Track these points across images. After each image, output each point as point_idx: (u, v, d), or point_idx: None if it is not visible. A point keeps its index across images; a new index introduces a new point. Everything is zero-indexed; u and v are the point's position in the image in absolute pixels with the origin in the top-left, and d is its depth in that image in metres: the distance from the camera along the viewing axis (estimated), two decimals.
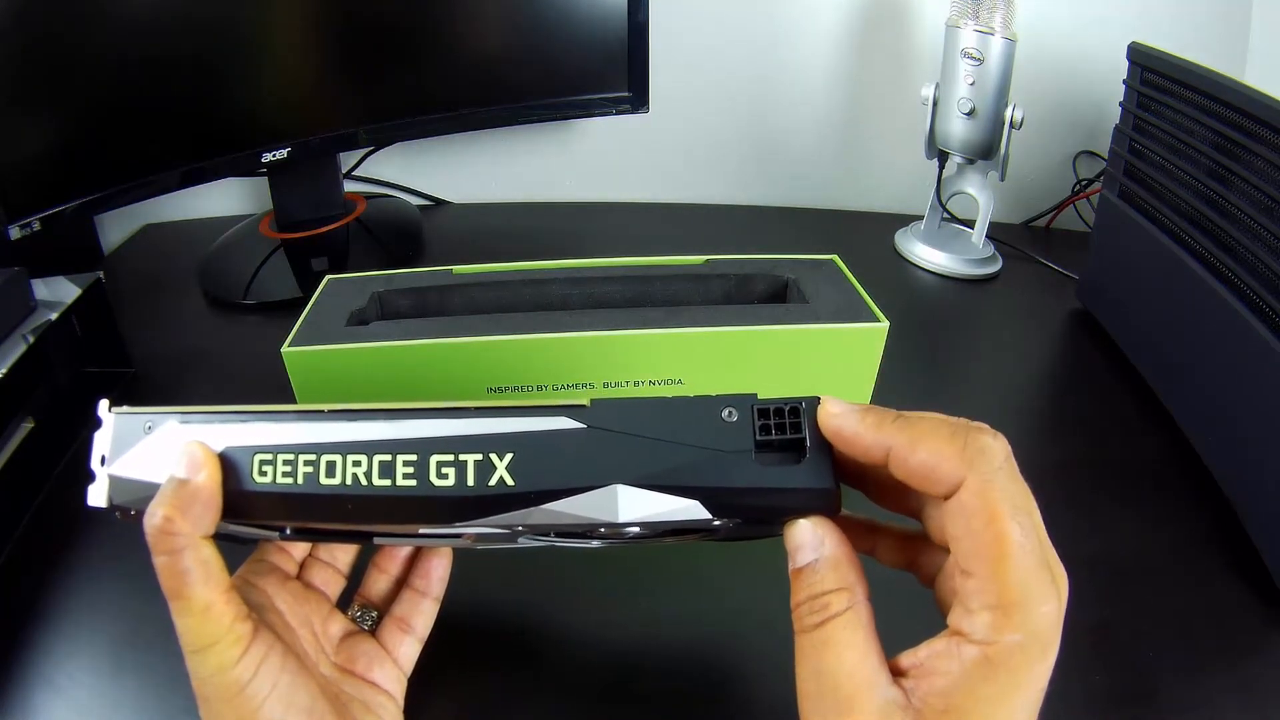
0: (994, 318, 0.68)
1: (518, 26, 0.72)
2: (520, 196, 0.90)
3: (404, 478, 0.23)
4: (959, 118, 0.70)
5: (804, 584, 0.23)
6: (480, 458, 0.22)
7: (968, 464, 0.21)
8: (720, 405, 0.23)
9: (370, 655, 0.31)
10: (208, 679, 0.24)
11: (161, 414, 0.25)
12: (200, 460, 0.23)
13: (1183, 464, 0.50)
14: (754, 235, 0.83)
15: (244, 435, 0.24)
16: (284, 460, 0.23)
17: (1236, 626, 0.40)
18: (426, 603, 0.33)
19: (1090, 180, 0.83)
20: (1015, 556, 0.20)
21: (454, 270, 0.49)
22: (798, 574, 0.23)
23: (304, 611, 0.31)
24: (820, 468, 0.23)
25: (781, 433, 0.23)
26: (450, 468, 0.22)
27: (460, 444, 0.23)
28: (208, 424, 0.25)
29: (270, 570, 0.31)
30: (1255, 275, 0.45)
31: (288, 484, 0.23)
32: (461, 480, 0.22)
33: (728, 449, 0.22)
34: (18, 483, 0.45)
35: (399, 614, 0.33)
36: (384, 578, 0.34)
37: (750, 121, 0.87)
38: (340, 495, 0.23)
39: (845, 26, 0.82)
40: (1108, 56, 0.69)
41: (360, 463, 0.23)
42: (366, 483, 0.23)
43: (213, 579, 0.24)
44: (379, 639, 0.32)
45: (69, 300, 0.50)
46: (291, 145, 0.68)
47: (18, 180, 0.55)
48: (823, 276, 0.48)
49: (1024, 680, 0.20)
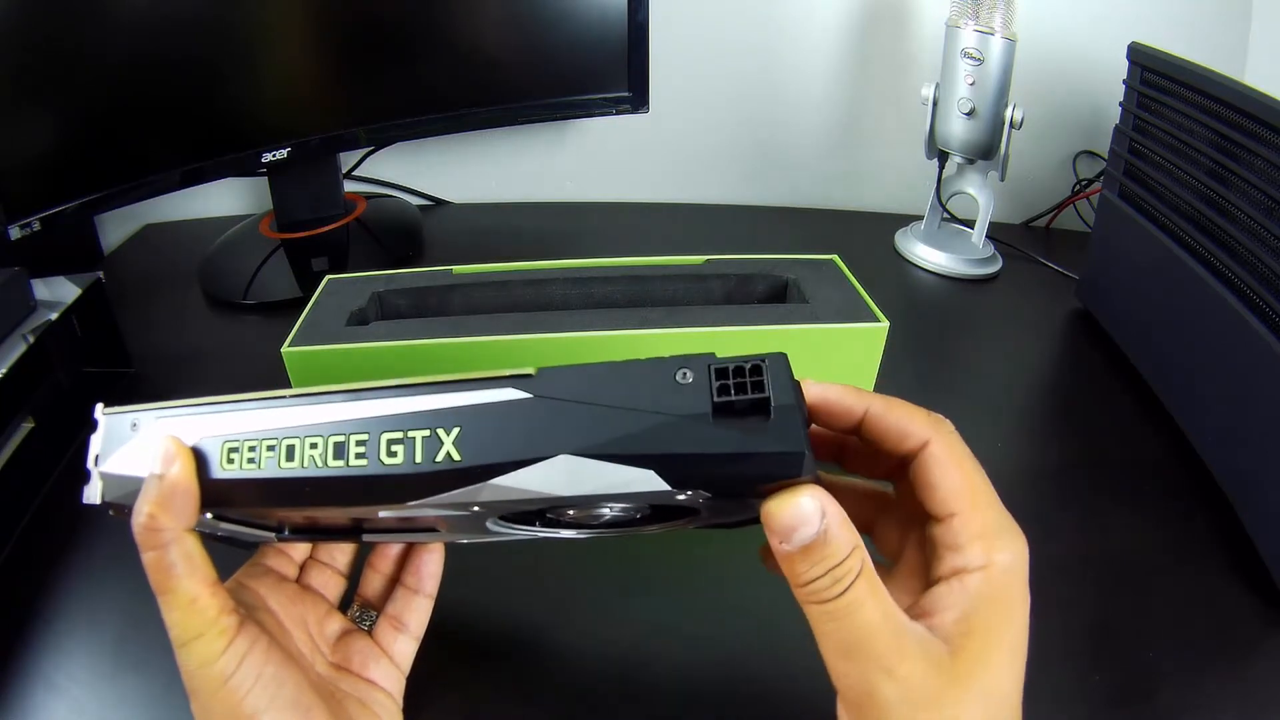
0: (994, 318, 0.68)
1: (518, 26, 0.72)
2: (520, 196, 0.90)
3: (356, 458, 0.22)
4: (959, 118, 0.70)
5: (814, 560, 0.22)
6: (428, 434, 0.22)
7: (932, 427, 0.25)
8: (674, 366, 0.21)
9: (366, 654, 0.31)
10: (195, 672, 0.24)
11: (145, 411, 0.26)
12: (173, 454, 0.24)
13: (1183, 464, 0.50)
14: (754, 235, 0.82)
15: (214, 426, 0.24)
16: (248, 447, 0.24)
17: (1236, 626, 0.40)
18: (420, 600, 0.33)
19: (1090, 180, 0.83)
20: (987, 494, 0.24)
21: (454, 270, 0.49)
22: (804, 552, 0.22)
23: (298, 611, 0.31)
24: (788, 430, 0.20)
25: (742, 393, 0.20)
26: (399, 445, 0.22)
27: (409, 421, 0.22)
28: (182, 417, 0.25)
29: (266, 573, 0.31)
30: (1255, 275, 0.45)
31: (252, 470, 0.23)
32: (410, 458, 0.22)
33: (682, 413, 0.21)
34: (18, 483, 0.45)
35: (392, 612, 0.33)
36: (378, 577, 0.34)
37: (750, 121, 0.87)
38: (299, 479, 0.23)
39: (845, 26, 0.82)
40: (1108, 56, 0.69)
41: (316, 445, 0.23)
42: (322, 464, 0.22)
43: (197, 572, 0.24)
44: (375, 638, 0.33)
45: (69, 300, 0.50)
46: (291, 145, 0.68)
47: (18, 180, 0.55)
48: (823, 276, 0.48)
49: (1018, 596, 0.23)
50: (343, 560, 0.34)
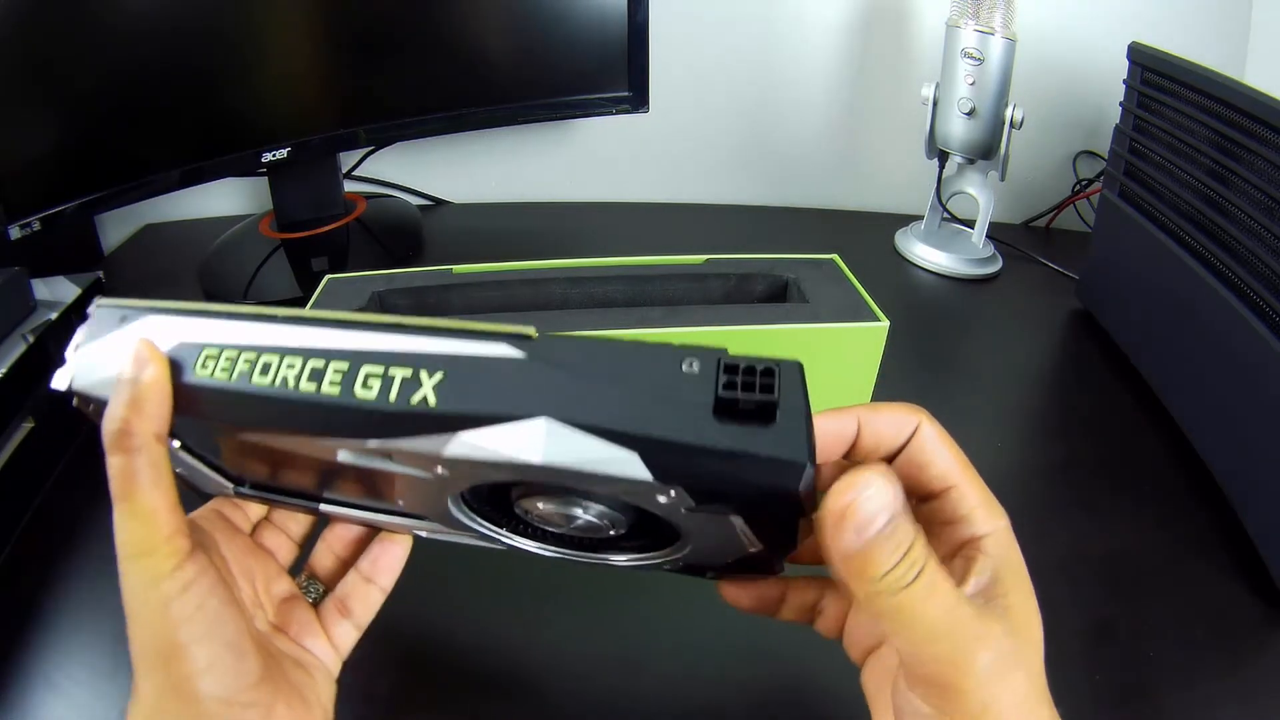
0: (994, 318, 0.68)
1: (518, 26, 0.72)
2: (520, 196, 0.90)
3: (329, 384, 0.22)
4: (959, 118, 0.70)
5: (891, 547, 0.20)
6: (409, 374, 0.21)
7: (915, 413, 0.25)
8: (682, 355, 0.20)
9: (306, 625, 0.30)
10: (137, 590, 0.24)
11: (139, 308, 0.25)
12: (146, 357, 0.24)
13: (1183, 464, 0.50)
14: (754, 235, 0.82)
15: (202, 332, 0.24)
16: (226, 356, 0.23)
17: (1236, 626, 0.40)
18: (371, 590, 0.32)
19: (1090, 180, 0.83)
20: (974, 468, 0.25)
21: (454, 270, 0.49)
22: (872, 546, 0.20)
23: (248, 564, 0.30)
24: (791, 438, 0.19)
25: (750, 392, 0.19)
26: (377, 380, 0.21)
27: (394, 358, 0.21)
28: (174, 317, 0.24)
29: (221, 520, 0.31)
30: (1255, 275, 0.45)
31: (223, 379, 0.23)
32: (384, 394, 0.21)
33: (681, 399, 0.19)
34: (18, 483, 0.45)
35: (340, 594, 0.32)
36: (331, 556, 0.33)
37: (750, 121, 0.87)
38: (266, 396, 0.22)
39: (845, 26, 0.82)
40: (1108, 56, 0.69)
41: (294, 365, 0.22)
42: (293, 386, 0.22)
43: (161, 485, 0.24)
44: (318, 614, 0.31)
45: (69, 300, 0.50)
46: (291, 145, 0.68)
47: (18, 180, 0.55)
48: (823, 276, 0.48)
49: (1019, 553, 0.24)
50: (297, 530, 0.33)
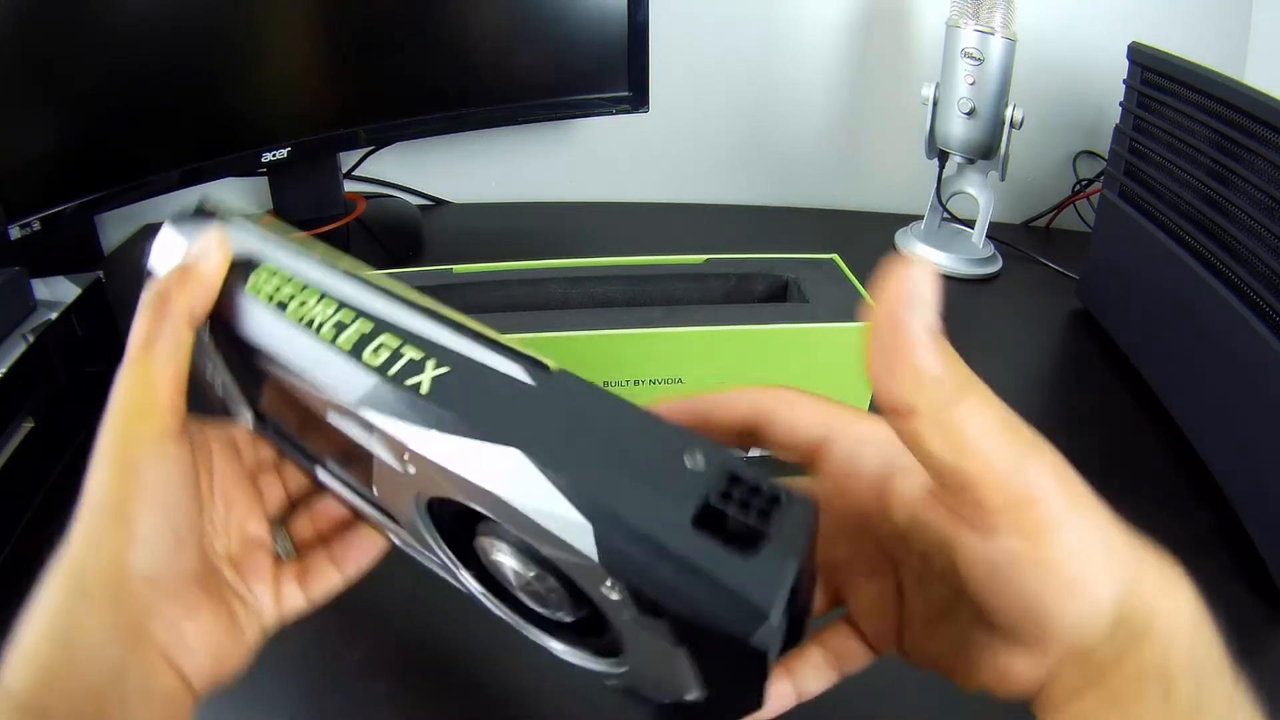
0: (994, 318, 0.68)
1: (517, 26, 0.72)
2: (520, 196, 0.90)
3: (345, 341, 0.22)
4: (959, 117, 0.70)
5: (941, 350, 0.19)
6: (418, 357, 0.21)
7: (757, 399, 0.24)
8: (693, 446, 0.18)
9: (260, 571, 0.29)
10: (112, 443, 0.24)
11: (232, 212, 0.27)
12: (212, 247, 0.25)
13: (1183, 464, 0.50)
14: (754, 235, 0.82)
15: (270, 252, 0.25)
16: (277, 283, 0.24)
17: (1236, 627, 0.40)
18: (333, 575, 0.31)
19: (1090, 180, 0.83)
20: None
21: (454, 270, 0.49)
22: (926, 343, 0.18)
23: (233, 492, 0.29)
24: (768, 579, 0.16)
25: (744, 511, 0.17)
26: (387, 351, 0.22)
27: (412, 338, 0.22)
28: (256, 232, 0.26)
29: (230, 443, 0.30)
30: (1255, 275, 0.45)
31: (264, 302, 0.24)
32: (385, 366, 0.21)
33: (667, 491, 0.17)
34: (18, 483, 0.45)
35: (303, 566, 0.31)
36: (310, 527, 0.32)
37: (750, 121, 0.87)
38: (289, 331, 0.23)
39: (845, 26, 0.82)
40: (1108, 56, 0.69)
41: (325, 313, 0.23)
42: (314, 329, 0.23)
43: (174, 363, 0.24)
44: (277, 569, 0.30)
45: (69, 300, 0.50)
46: (291, 145, 0.68)
47: (18, 180, 0.55)
48: (823, 276, 0.48)
49: None
50: (294, 490, 0.32)
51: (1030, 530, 0.18)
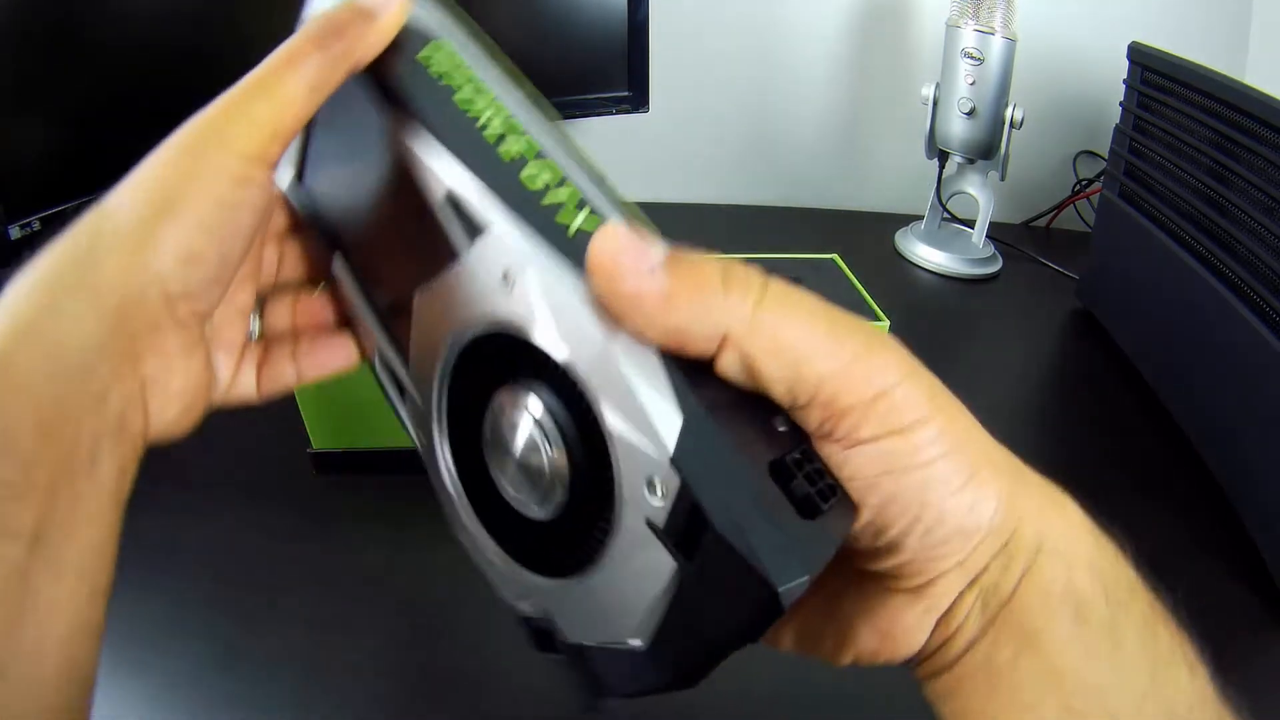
0: (994, 318, 0.68)
1: (517, 26, 0.72)
2: None
3: (506, 151, 0.21)
4: (959, 117, 0.70)
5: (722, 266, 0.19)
6: (573, 201, 0.20)
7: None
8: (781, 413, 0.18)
9: (232, 342, 0.26)
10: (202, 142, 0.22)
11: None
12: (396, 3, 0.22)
13: (1183, 464, 0.50)
14: (754, 235, 0.83)
15: (456, 37, 0.23)
16: (451, 66, 0.22)
17: (1236, 626, 0.40)
18: (287, 370, 0.27)
19: (1090, 180, 0.83)
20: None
21: None
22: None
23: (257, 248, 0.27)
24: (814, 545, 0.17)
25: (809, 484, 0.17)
26: (545, 180, 0.21)
27: (572, 181, 0.21)
28: (449, 16, 0.24)
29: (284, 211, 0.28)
30: (1255, 275, 0.45)
31: (432, 77, 0.22)
32: (541, 193, 0.20)
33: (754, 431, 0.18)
34: None
35: (265, 353, 0.27)
36: (285, 316, 0.28)
37: (750, 121, 0.87)
38: (451, 113, 0.21)
39: (845, 26, 0.82)
40: (1108, 56, 0.69)
41: (493, 116, 0.22)
42: (477, 124, 0.21)
43: (314, 94, 0.22)
44: (227, 339, 0.26)
45: None
46: None
47: (18, 180, 0.55)
48: (823, 276, 0.48)
49: None
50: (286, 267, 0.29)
51: (895, 423, 0.17)
